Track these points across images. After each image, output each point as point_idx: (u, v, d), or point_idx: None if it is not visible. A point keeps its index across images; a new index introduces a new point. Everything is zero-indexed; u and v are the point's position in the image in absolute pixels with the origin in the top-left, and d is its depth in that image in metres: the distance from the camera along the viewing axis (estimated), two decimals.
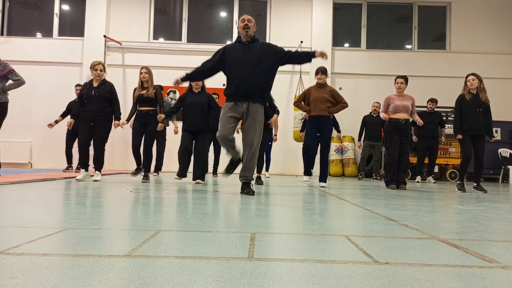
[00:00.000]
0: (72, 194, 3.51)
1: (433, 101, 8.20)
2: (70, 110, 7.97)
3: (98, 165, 5.50)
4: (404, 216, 2.63)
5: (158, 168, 7.94)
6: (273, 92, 9.01)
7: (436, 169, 9.56)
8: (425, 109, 8.42)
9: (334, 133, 10.78)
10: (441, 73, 10.81)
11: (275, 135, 7.44)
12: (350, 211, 2.83)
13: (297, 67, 10.65)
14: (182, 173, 5.61)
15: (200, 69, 4.17)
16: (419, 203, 3.59)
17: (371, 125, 8.54)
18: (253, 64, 3.90)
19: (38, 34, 11.28)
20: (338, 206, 3.14)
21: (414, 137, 8.21)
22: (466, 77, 5.57)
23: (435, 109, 8.38)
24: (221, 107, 4.20)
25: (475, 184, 5.55)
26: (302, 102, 5.76)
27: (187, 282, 1.10)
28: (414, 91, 10.50)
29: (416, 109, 9.19)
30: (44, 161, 10.36)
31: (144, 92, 5.62)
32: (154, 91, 5.64)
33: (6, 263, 1.24)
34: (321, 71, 5.61)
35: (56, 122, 7.88)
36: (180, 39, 11.09)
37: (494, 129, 9.91)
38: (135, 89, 5.89)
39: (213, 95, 6.22)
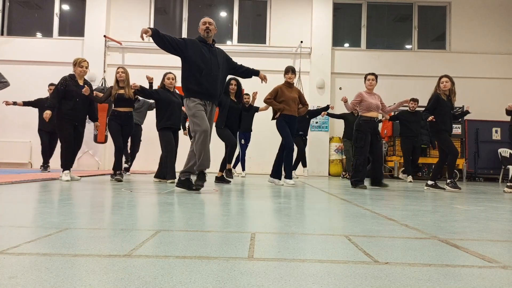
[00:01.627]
0: (71, 194, 3.51)
1: (415, 100, 8.16)
2: (36, 105, 7.96)
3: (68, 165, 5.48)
4: (404, 216, 2.63)
5: (127, 169, 7.84)
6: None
7: None
8: (406, 108, 8.39)
9: (334, 133, 10.82)
10: (441, 73, 10.67)
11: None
12: (350, 211, 2.83)
13: (297, 67, 10.65)
14: (173, 175, 5.53)
15: (169, 39, 3.99)
16: (419, 203, 3.59)
17: (352, 123, 8.42)
18: (218, 68, 4.11)
19: (38, 34, 11.28)
20: (338, 206, 3.14)
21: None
22: (440, 78, 5.66)
23: (416, 109, 8.35)
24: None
25: (432, 182, 5.65)
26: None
27: (187, 282, 1.10)
28: (414, 91, 10.54)
29: (400, 108, 9.21)
30: None
31: (123, 91, 5.57)
32: (133, 90, 5.56)
33: (6, 263, 1.24)
34: (292, 70, 5.65)
35: (14, 103, 7.73)
36: None
37: (494, 129, 9.95)
38: (111, 87, 5.76)
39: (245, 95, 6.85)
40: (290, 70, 5.64)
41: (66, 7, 11.25)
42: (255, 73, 4.56)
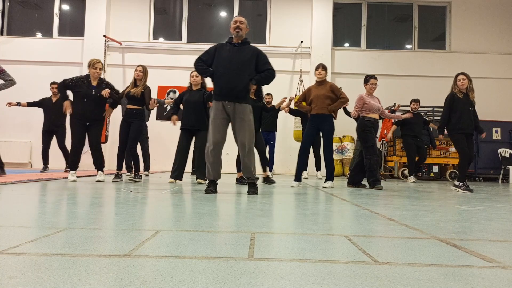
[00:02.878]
0: (72, 194, 3.51)
1: (416, 101, 8.16)
2: (41, 105, 7.92)
3: (100, 165, 5.44)
4: (404, 216, 2.63)
5: (146, 168, 7.78)
6: (273, 92, 8.90)
7: (436, 169, 9.56)
8: (408, 109, 8.39)
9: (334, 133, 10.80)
10: (441, 73, 10.82)
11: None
12: (350, 211, 2.83)
13: (297, 67, 10.67)
14: (177, 175, 5.52)
15: (205, 68, 4.11)
16: (419, 203, 3.59)
17: None
18: (239, 66, 3.97)
19: (38, 34, 11.28)
20: (338, 206, 3.14)
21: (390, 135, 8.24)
22: (456, 76, 5.56)
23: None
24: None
25: (460, 183, 5.56)
26: (303, 102, 5.60)
27: (187, 282, 1.10)
28: (414, 91, 10.55)
29: (401, 108, 9.15)
30: None
31: (133, 89, 5.55)
32: (142, 90, 5.53)
33: (6, 263, 1.24)
34: (322, 66, 5.44)
35: (18, 104, 7.73)
36: (180, 39, 11.10)
37: (494, 129, 9.94)
38: (128, 86, 5.79)
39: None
40: (320, 66, 5.44)
41: (66, 7, 11.25)
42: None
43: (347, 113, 8.52)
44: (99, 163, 5.45)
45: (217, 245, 1.57)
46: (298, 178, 5.44)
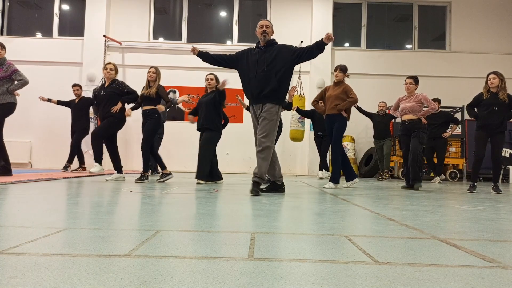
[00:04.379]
0: (72, 194, 3.51)
1: (435, 101, 8.15)
2: (68, 105, 8.05)
3: (94, 155, 5.78)
4: (404, 216, 2.63)
5: (155, 169, 7.81)
6: None
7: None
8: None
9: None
10: (441, 73, 10.80)
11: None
12: (350, 211, 2.83)
13: (296, 67, 10.64)
14: (200, 176, 5.50)
15: (218, 54, 4.28)
16: (419, 203, 3.59)
17: (378, 123, 8.54)
18: (266, 67, 3.98)
19: (38, 34, 11.27)
20: (338, 206, 3.14)
21: None
22: (487, 75, 5.49)
23: (440, 109, 8.30)
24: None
25: (492, 184, 5.56)
26: (321, 102, 5.56)
27: (187, 282, 1.10)
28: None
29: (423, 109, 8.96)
30: (44, 161, 10.37)
31: (146, 91, 5.61)
32: (156, 90, 5.57)
33: (6, 263, 1.24)
34: (340, 68, 5.46)
35: (49, 100, 7.94)
36: (180, 39, 11.09)
37: None
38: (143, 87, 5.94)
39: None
40: (337, 68, 5.49)
41: (66, 7, 11.24)
42: (321, 44, 4.02)
43: (362, 110, 8.46)
44: (93, 152, 5.79)
45: (217, 245, 1.57)
46: (335, 180, 5.34)
